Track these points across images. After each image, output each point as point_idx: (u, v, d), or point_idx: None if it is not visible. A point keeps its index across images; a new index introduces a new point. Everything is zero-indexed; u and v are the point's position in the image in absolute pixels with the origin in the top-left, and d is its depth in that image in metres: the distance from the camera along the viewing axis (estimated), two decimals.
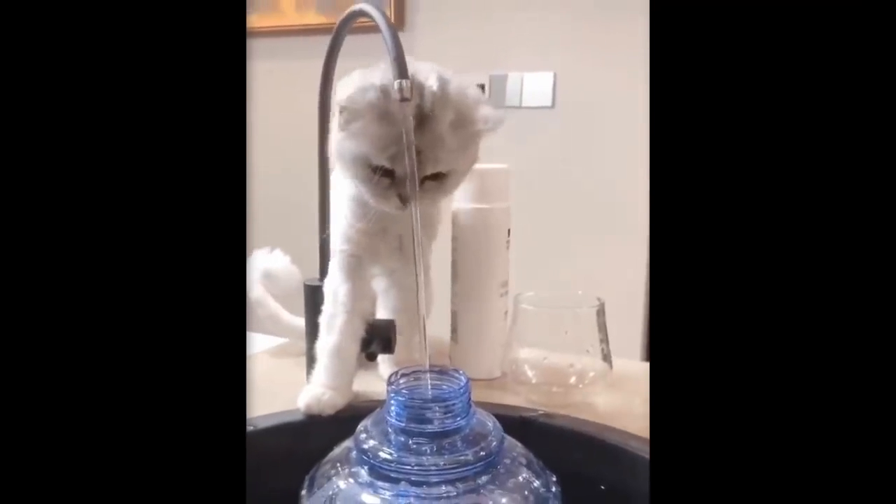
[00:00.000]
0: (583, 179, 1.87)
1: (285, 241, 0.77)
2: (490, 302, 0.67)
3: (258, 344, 0.80)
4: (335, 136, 0.55)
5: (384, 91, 0.51)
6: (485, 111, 0.54)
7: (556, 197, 1.88)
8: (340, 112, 0.53)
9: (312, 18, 2.11)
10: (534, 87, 1.91)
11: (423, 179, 0.53)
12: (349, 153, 0.54)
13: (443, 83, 0.52)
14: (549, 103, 1.90)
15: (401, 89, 0.47)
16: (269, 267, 0.75)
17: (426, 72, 0.51)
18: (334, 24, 0.58)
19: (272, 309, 0.76)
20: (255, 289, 0.75)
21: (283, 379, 0.68)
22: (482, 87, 1.94)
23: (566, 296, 0.63)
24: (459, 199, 0.67)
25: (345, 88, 0.52)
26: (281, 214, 1.52)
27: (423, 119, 0.50)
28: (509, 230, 0.67)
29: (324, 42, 0.58)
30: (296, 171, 0.53)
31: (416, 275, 0.47)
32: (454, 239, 0.67)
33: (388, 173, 0.53)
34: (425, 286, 0.65)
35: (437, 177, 0.54)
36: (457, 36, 1.96)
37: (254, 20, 2.19)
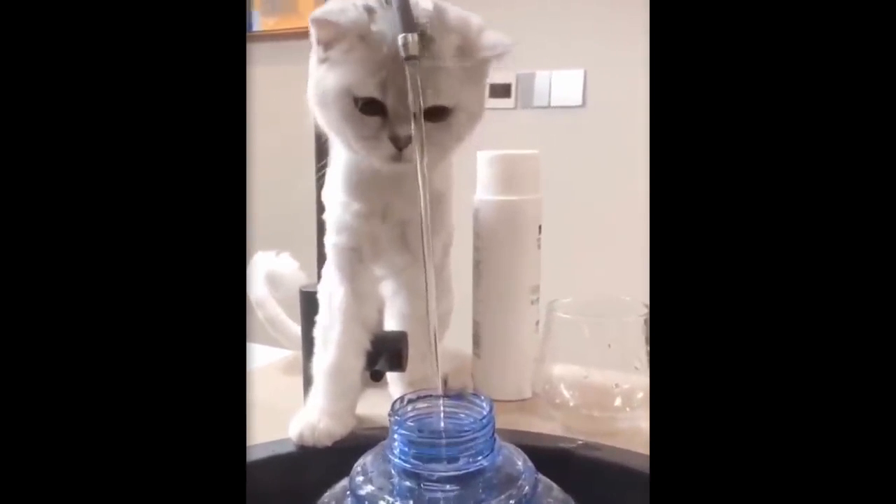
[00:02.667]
0: (616, 182, 1.82)
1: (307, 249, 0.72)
2: (519, 310, 0.62)
3: (261, 356, 0.76)
4: (313, 73, 0.48)
5: (367, 9, 0.45)
6: (491, 36, 0.47)
7: (590, 200, 1.85)
8: (317, 31, 0.46)
9: None
10: (563, 85, 1.90)
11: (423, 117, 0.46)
12: (330, 88, 0.46)
13: (438, 7, 0.46)
14: (579, 102, 1.88)
15: (405, 45, 0.40)
16: (273, 270, 0.71)
17: None
18: None
19: (273, 314, 0.71)
20: (257, 292, 0.71)
21: (285, 399, 0.63)
22: (508, 87, 1.93)
23: (609, 303, 0.57)
24: (482, 190, 0.61)
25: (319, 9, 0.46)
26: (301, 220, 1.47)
27: (420, 40, 0.43)
28: (540, 226, 0.61)
29: None
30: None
31: (424, 259, 0.38)
32: (476, 237, 0.62)
33: (377, 108, 0.45)
34: (444, 292, 0.61)
35: (441, 114, 0.46)
36: None
37: (272, 23, 2.21)
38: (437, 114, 0.46)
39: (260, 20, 2.20)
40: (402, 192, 0.50)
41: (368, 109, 0.46)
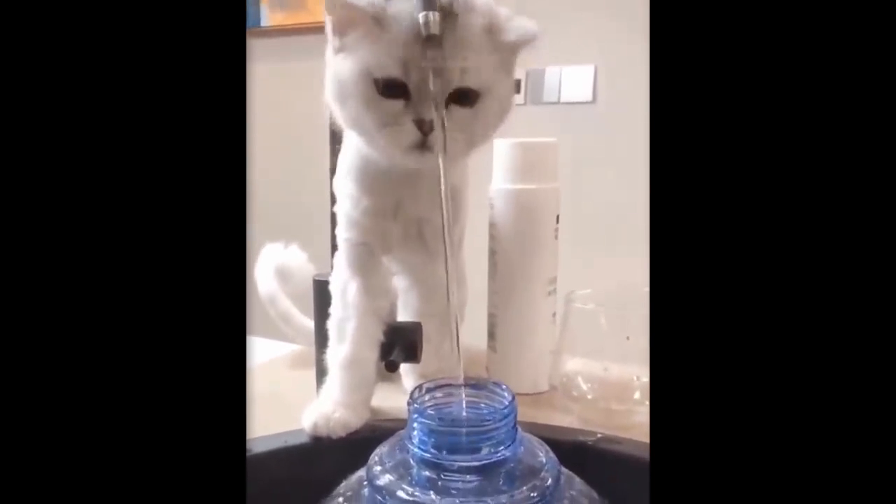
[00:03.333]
0: (627, 178, 1.79)
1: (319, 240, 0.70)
2: (535, 302, 0.60)
3: (268, 350, 0.74)
4: (330, 66, 0.45)
5: None
6: (519, 22, 0.45)
7: (601, 196, 1.83)
8: (331, 14, 0.44)
9: None
10: (573, 81, 1.88)
11: (448, 103, 0.42)
12: (348, 76, 0.44)
13: None
14: (589, 98, 1.87)
15: (426, 23, 0.38)
16: (282, 263, 0.70)
17: None
18: None
19: (283, 308, 0.69)
20: (267, 285, 0.69)
21: (294, 392, 0.61)
22: (518, 83, 1.89)
23: (628, 294, 0.55)
24: (499, 179, 0.59)
25: None
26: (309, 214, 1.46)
27: (443, 16, 0.40)
28: (558, 216, 0.60)
29: None
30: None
31: (445, 250, 0.37)
32: (492, 226, 0.60)
33: (399, 91, 0.42)
34: (458, 284, 0.58)
35: (469, 98, 0.43)
36: None
37: (281, 18, 2.20)
38: (464, 98, 0.43)
39: (268, 15, 2.18)
40: (414, 189, 0.49)
41: (389, 92, 0.43)
